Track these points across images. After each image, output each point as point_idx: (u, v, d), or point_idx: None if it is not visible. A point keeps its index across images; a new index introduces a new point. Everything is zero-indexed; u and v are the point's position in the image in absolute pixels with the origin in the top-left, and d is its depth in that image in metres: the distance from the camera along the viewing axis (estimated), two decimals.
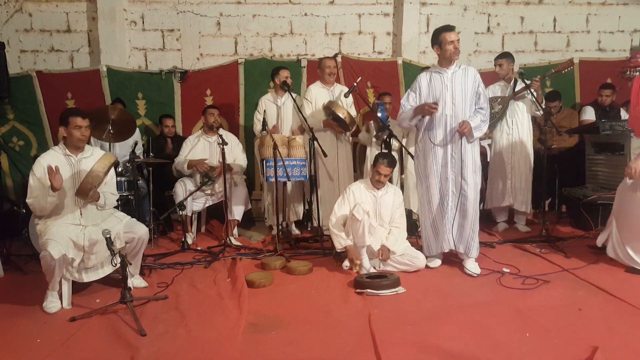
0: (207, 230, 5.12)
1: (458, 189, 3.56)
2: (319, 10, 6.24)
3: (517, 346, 2.40)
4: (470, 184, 3.53)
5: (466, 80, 3.55)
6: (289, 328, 2.67)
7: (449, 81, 3.56)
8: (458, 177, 3.55)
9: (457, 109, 3.54)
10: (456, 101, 3.54)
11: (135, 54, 6.12)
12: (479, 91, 3.59)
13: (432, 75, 3.63)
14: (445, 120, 3.55)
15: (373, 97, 5.91)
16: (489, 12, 6.46)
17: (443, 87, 3.56)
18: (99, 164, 2.99)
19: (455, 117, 3.53)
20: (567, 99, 5.85)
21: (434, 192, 3.62)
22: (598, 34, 6.59)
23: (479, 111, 3.56)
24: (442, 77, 3.58)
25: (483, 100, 3.59)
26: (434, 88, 3.59)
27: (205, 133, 4.87)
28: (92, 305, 3.03)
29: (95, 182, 3.00)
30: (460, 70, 3.58)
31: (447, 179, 3.57)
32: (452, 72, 3.57)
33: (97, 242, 3.09)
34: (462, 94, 3.54)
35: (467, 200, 3.55)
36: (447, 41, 3.48)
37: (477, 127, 3.50)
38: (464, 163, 3.53)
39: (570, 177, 5.25)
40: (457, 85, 3.54)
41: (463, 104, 3.54)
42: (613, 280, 3.32)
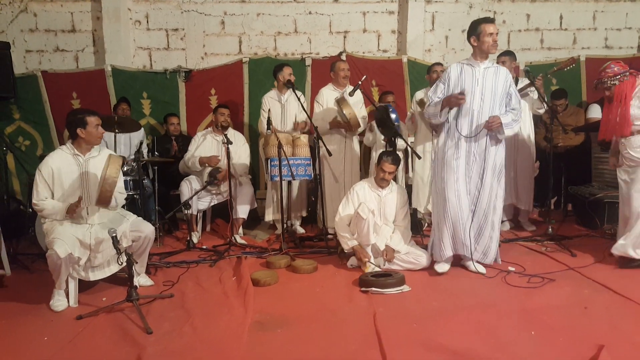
0: (212, 229, 5.13)
1: (477, 190, 3.45)
2: (324, 9, 6.23)
3: (522, 345, 2.40)
4: (487, 186, 3.43)
5: (497, 79, 3.42)
6: (294, 326, 2.68)
7: (480, 76, 3.41)
8: (476, 177, 3.45)
9: (485, 105, 3.40)
10: (485, 97, 3.40)
11: (140, 53, 6.14)
12: (510, 92, 3.46)
13: (464, 68, 3.46)
14: (471, 115, 3.42)
15: (377, 96, 5.90)
16: (495, 10, 6.43)
17: (474, 80, 3.41)
18: (112, 169, 3.01)
19: (482, 114, 3.40)
20: (573, 97, 5.82)
21: (452, 190, 3.45)
22: (605, 31, 6.54)
23: (511, 111, 3.44)
24: (474, 70, 3.43)
25: (515, 101, 3.46)
26: (464, 81, 3.43)
27: (214, 131, 4.88)
28: (99, 304, 3.05)
29: (113, 187, 3.04)
30: (493, 67, 3.46)
31: (467, 178, 3.46)
32: (485, 68, 3.43)
33: (103, 240, 3.10)
34: (492, 91, 3.40)
35: (481, 204, 3.45)
36: (486, 33, 3.32)
37: (508, 124, 3.37)
38: (486, 163, 3.42)
39: (576, 175, 5.23)
40: (487, 82, 3.41)
41: (492, 102, 3.41)
42: (619, 279, 3.30)
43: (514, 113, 3.43)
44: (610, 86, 3.53)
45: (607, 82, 3.53)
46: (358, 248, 3.64)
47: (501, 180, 3.50)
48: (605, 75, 3.55)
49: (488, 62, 3.46)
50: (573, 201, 5.19)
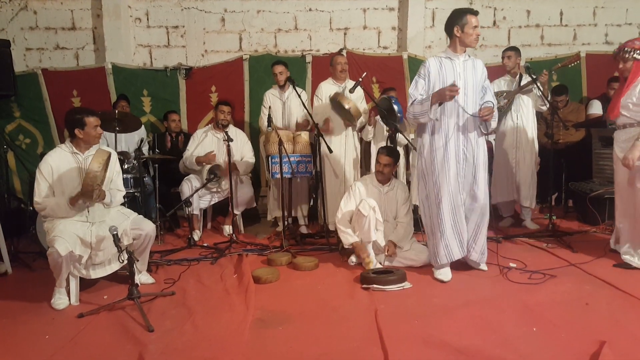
0: (213, 227, 5.13)
1: (469, 189, 3.31)
2: (324, 5, 6.22)
3: (524, 341, 2.40)
4: (480, 183, 3.31)
5: (475, 72, 3.30)
6: (295, 323, 2.68)
7: (461, 69, 3.26)
8: (470, 175, 3.31)
9: (468, 99, 3.26)
10: (468, 91, 3.26)
11: (140, 50, 6.13)
12: (485, 85, 3.34)
13: (443, 61, 3.29)
14: (457, 111, 3.25)
15: (378, 92, 5.89)
16: (495, 6, 6.41)
17: (455, 74, 3.24)
18: (94, 162, 2.98)
19: (467, 109, 3.24)
20: (574, 93, 5.80)
21: (445, 193, 3.26)
22: (605, 27, 6.52)
23: (487, 104, 3.27)
24: (454, 63, 3.27)
25: (490, 95, 3.34)
26: (445, 75, 3.25)
27: (214, 128, 4.88)
28: (100, 302, 3.05)
29: (95, 181, 3.00)
30: (470, 60, 3.32)
31: (457, 177, 3.28)
32: (464, 60, 3.29)
33: (104, 238, 3.10)
34: (473, 84, 3.28)
35: (479, 202, 3.32)
36: (471, 25, 3.16)
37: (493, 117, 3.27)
38: (477, 159, 3.29)
39: (577, 171, 5.22)
40: (468, 75, 3.27)
41: (474, 95, 3.28)
42: (620, 275, 3.31)
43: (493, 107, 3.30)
44: (629, 58, 3.36)
45: (629, 52, 3.35)
46: (357, 245, 3.64)
47: (486, 176, 3.39)
48: (630, 45, 3.36)
49: (465, 55, 3.31)
50: (574, 197, 5.19)
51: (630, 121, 3.40)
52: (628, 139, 3.41)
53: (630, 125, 3.41)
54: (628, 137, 3.41)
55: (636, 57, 3.34)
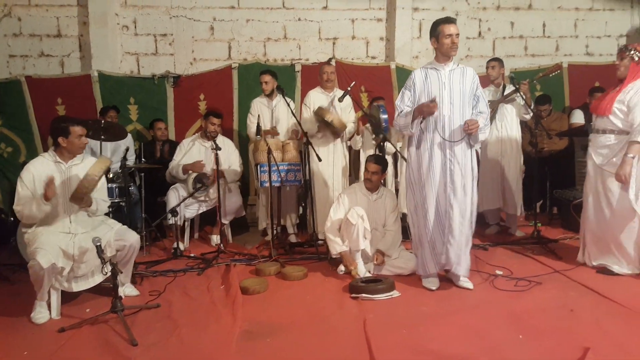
0: (200, 237, 5.09)
1: (459, 201, 3.21)
2: (313, 16, 6.25)
3: (510, 348, 2.42)
4: (468, 194, 3.23)
5: (464, 80, 3.23)
6: (283, 334, 2.66)
7: (446, 79, 3.22)
8: (459, 186, 3.21)
9: (455, 109, 3.20)
10: (454, 101, 3.20)
11: (128, 58, 6.09)
12: (477, 94, 3.27)
13: (428, 72, 3.28)
14: (443, 121, 3.21)
15: (367, 102, 5.93)
16: (480, 18, 6.52)
17: (440, 84, 3.22)
18: (95, 167, 2.96)
19: (454, 119, 3.19)
20: (557, 103, 5.90)
21: (431, 203, 3.24)
22: (586, 38, 6.66)
23: (480, 114, 3.24)
24: (439, 74, 3.25)
25: (482, 104, 3.28)
26: (430, 85, 3.24)
27: (202, 137, 4.85)
28: (82, 315, 2.99)
29: (91, 186, 2.97)
30: (459, 68, 3.27)
31: (445, 187, 3.22)
32: (450, 70, 3.25)
33: (87, 250, 3.04)
34: (460, 93, 3.21)
35: (469, 213, 3.25)
36: (444, 34, 3.17)
37: (481, 128, 3.19)
38: (465, 170, 3.22)
39: (560, 179, 5.30)
40: (455, 84, 3.21)
41: (462, 105, 3.21)
42: (604, 281, 3.36)
43: (483, 117, 3.23)
44: (626, 56, 3.40)
45: (630, 50, 3.40)
46: (345, 254, 3.64)
47: (475, 187, 3.31)
48: (632, 46, 3.43)
49: (453, 64, 3.27)
50: (558, 204, 5.26)
51: (611, 127, 3.43)
52: (607, 147, 3.44)
53: (611, 131, 3.43)
54: (607, 144, 3.44)
55: (633, 57, 3.40)
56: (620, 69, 3.46)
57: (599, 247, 3.58)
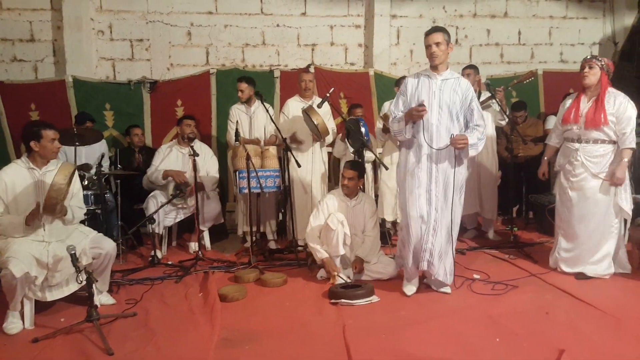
0: (178, 244, 5.02)
1: (441, 208, 3.23)
2: (291, 22, 6.27)
3: (488, 351, 2.45)
4: (449, 203, 3.23)
5: (456, 91, 3.21)
6: (262, 342, 2.64)
7: (437, 87, 3.22)
8: (441, 194, 3.23)
9: (443, 118, 3.19)
10: (443, 110, 3.19)
11: (103, 64, 6.00)
12: (472, 107, 3.23)
13: (421, 79, 3.29)
14: (430, 129, 3.20)
15: (346, 108, 5.96)
16: (457, 25, 6.63)
17: (430, 92, 3.22)
18: (59, 175, 2.89)
19: (441, 128, 3.18)
20: (532, 109, 6.03)
21: (413, 208, 3.24)
22: (560, 46, 6.85)
23: (476, 128, 3.21)
24: (431, 82, 3.25)
25: (478, 116, 3.24)
26: (420, 92, 3.25)
27: (179, 144, 4.80)
28: (57, 325, 2.92)
29: (60, 195, 2.90)
30: (453, 79, 3.25)
31: (428, 195, 3.23)
32: (443, 79, 3.23)
33: (61, 258, 2.98)
34: (449, 104, 3.19)
35: (448, 221, 3.25)
36: (426, 44, 3.23)
37: (473, 145, 3.16)
38: (448, 179, 3.21)
39: (536, 184, 5.38)
40: (445, 94, 3.20)
41: (449, 115, 3.20)
42: (578, 284, 3.43)
43: (479, 131, 3.22)
44: (598, 65, 3.51)
45: (599, 60, 3.53)
46: (327, 261, 3.63)
47: (461, 197, 3.32)
48: (603, 59, 3.56)
49: (448, 73, 3.27)
50: (534, 209, 5.36)
51: (603, 137, 3.51)
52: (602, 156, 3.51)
53: (603, 141, 3.52)
54: (602, 153, 3.51)
55: (603, 67, 3.52)
56: (590, 77, 3.54)
57: (578, 253, 3.62)
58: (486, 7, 6.64)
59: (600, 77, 3.53)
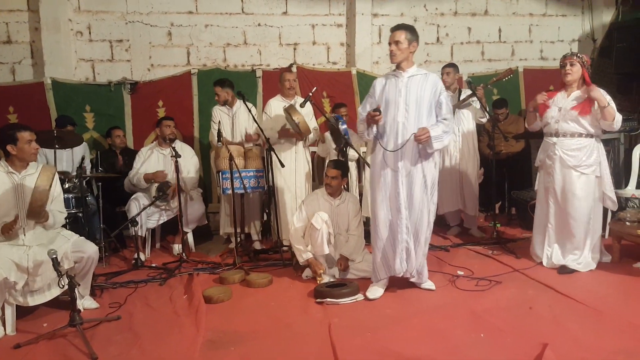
0: (162, 246, 4.97)
1: (407, 208, 3.18)
2: (273, 21, 6.25)
3: (472, 347, 2.47)
4: (416, 202, 3.17)
5: (424, 87, 3.18)
6: (248, 343, 2.63)
7: (403, 86, 3.19)
8: (406, 194, 3.18)
9: (410, 116, 3.15)
10: (410, 108, 3.16)
11: (82, 65, 5.91)
12: (440, 100, 3.20)
13: (388, 79, 3.29)
14: (397, 129, 3.18)
15: (329, 107, 5.96)
16: (438, 23, 6.68)
17: (396, 91, 3.20)
18: (42, 178, 2.86)
19: (408, 126, 3.15)
20: (513, 106, 6.11)
21: (382, 210, 3.23)
22: (540, 43, 6.94)
23: (441, 122, 3.18)
24: (397, 81, 3.23)
25: (446, 110, 3.21)
26: (388, 92, 3.24)
27: (159, 145, 4.77)
28: (39, 330, 2.87)
29: (44, 198, 2.87)
30: (420, 75, 3.22)
31: (397, 195, 3.18)
32: (409, 77, 3.21)
33: (42, 263, 2.94)
34: (416, 101, 3.16)
35: (416, 221, 3.19)
36: (389, 42, 3.24)
37: (437, 137, 3.09)
38: (415, 178, 3.17)
39: (518, 180, 5.48)
40: (412, 91, 3.17)
41: (417, 112, 3.16)
42: (560, 279, 3.48)
43: (444, 124, 3.17)
44: (576, 62, 3.57)
45: (580, 57, 3.58)
46: (312, 260, 3.64)
47: (434, 196, 3.26)
48: (582, 55, 3.63)
49: (415, 70, 3.24)
50: (516, 205, 5.43)
51: (580, 130, 3.58)
52: (579, 149, 3.56)
53: (580, 135, 3.58)
54: (578, 147, 3.57)
55: (584, 63, 3.58)
56: (573, 74, 3.60)
57: (561, 246, 3.69)
58: (467, 5, 6.70)
59: (582, 73, 3.60)
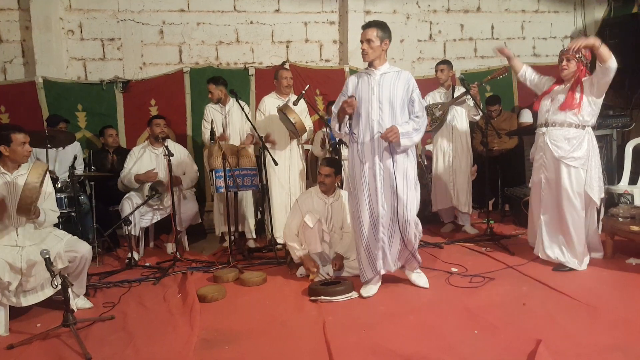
0: (155, 245, 4.96)
1: (389, 205, 3.16)
2: (265, 19, 6.23)
3: (466, 344, 2.47)
4: (401, 199, 3.12)
5: (397, 84, 3.14)
6: (242, 341, 2.63)
7: (375, 83, 3.15)
8: (388, 191, 3.15)
9: (384, 114, 3.12)
10: (383, 106, 3.13)
11: (74, 64, 5.86)
12: (412, 97, 3.17)
13: (361, 77, 3.24)
14: (372, 127, 3.14)
15: (322, 105, 5.96)
16: (431, 20, 6.68)
17: (369, 89, 3.16)
18: (32, 175, 2.84)
19: (383, 124, 3.11)
20: (506, 103, 6.13)
21: (364, 208, 3.19)
22: (533, 40, 6.96)
23: (413, 119, 3.15)
24: (370, 79, 3.19)
25: (418, 107, 3.18)
26: (361, 91, 3.19)
27: (152, 144, 4.75)
28: (33, 331, 2.86)
29: (34, 194, 2.84)
30: (393, 73, 3.19)
31: (376, 193, 3.15)
32: (382, 74, 3.17)
33: (35, 263, 2.92)
34: (389, 98, 3.13)
35: (400, 218, 3.14)
36: (360, 40, 3.17)
37: (406, 133, 3.06)
38: (394, 176, 3.12)
39: (511, 177, 5.50)
40: (384, 89, 3.14)
41: (391, 110, 3.13)
42: (554, 275, 3.50)
43: (415, 121, 3.13)
44: (575, 58, 3.53)
45: (577, 54, 3.52)
46: (306, 258, 3.64)
47: (417, 191, 3.23)
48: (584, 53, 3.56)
49: (387, 68, 3.20)
50: (510, 202, 5.45)
51: (569, 120, 3.54)
52: (567, 140, 3.52)
53: (569, 125, 3.54)
54: (567, 137, 3.53)
55: (581, 59, 3.54)
56: (568, 69, 3.57)
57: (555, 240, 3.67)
58: (459, 2, 6.71)
59: (578, 70, 3.56)
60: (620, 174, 4.72)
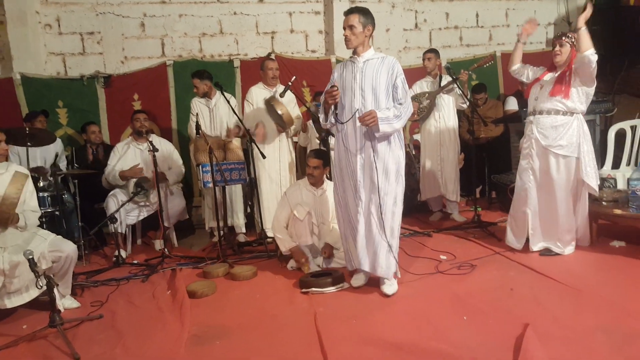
0: (143, 242, 4.90)
1: (368, 197, 3.06)
2: (249, 9, 6.15)
3: (456, 330, 2.50)
4: (382, 191, 3.02)
5: (380, 70, 3.03)
6: (233, 336, 2.61)
7: (358, 71, 3.06)
8: (367, 180, 3.05)
9: (367, 102, 3.02)
10: (365, 93, 3.02)
11: (53, 59, 5.73)
12: (396, 83, 3.04)
13: (346, 65, 3.16)
14: (355, 114, 3.04)
15: (309, 96, 5.92)
16: (416, 9, 6.67)
17: (352, 77, 3.07)
18: (11, 188, 2.81)
19: (366, 109, 3.00)
20: (491, 91, 6.16)
21: (350, 197, 3.12)
22: (517, 27, 6.96)
23: (396, 106, 3.03)
24: (353, 66, 3.10)
25: (402, 94, 3.04)
26: (345, 79, 3.11)
27: (135, 140, 4.67)
28: (19, 332, 2.82)
29: (12, 209, 2.82)
30: (377, 59, 3.07)
31: (358, 184, 3.06)
32: (364, 61, 3.07)
33: (18, 264, 2.87)
34: (372, 85, 3.02)
35: (381, 211, 3.01)
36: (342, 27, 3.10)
37: (386, 119, 2.93)
38: (374, 166, 3.02)
39: (498, 164, 5.53)
40: (367, 76, 3.04)
41: (374, 97, 3.02)
42: (540, 260, 3.54)
43: (397, 108, 3.01)
44: (567, 42, 3.51)
45: (569, 37, 3.52)
46: (295, 250, 3.63)
47: (400, 183, 3.10)
48: (571, 33, 3.55)
49: (371, 54, 3.10)
50: (496, 189, 5.50)
51: (557, 107, 3.52)
52: (554, 128, 3.51)
53: (557, 112, 3.52)
54: (554, 125, 3.51)
55: (574, 43, 3.49)
56: (562, 55, 3.55)
57: (543, 229, 3.67)
58: None
59: (570, 53, 3.54)
60: (604, 159, 4.78)
